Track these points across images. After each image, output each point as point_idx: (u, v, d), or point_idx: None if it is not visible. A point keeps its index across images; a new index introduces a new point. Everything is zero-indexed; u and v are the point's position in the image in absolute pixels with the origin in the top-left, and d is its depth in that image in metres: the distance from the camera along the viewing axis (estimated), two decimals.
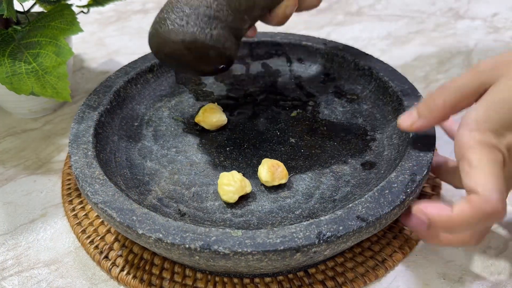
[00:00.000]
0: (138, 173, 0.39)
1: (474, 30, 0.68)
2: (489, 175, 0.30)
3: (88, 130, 0.38)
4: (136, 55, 0.49)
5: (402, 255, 0.37)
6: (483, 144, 0.30)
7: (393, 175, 0.34)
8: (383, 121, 0.43)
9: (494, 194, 0.29)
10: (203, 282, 0.35)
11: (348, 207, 0.31)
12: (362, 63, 0.47)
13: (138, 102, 0.46)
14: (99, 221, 0.40)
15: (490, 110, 0.30)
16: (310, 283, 0.35)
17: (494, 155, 0.30)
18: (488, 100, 0.31)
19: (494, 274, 0.36)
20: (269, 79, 0.50)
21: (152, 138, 0.43)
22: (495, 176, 0.30)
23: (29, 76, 0.42)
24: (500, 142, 0.30)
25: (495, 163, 0.30)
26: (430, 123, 0.34)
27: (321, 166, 0.40)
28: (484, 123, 0.30)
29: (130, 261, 0.37)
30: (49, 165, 0.46)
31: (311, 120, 0.45)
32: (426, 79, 0.58)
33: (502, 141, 0.30)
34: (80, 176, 0.34)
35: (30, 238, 0.39)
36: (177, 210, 0.36)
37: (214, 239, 0.29)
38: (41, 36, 0.44)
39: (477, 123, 0.30)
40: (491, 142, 0.30)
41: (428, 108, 0.34)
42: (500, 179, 0.30)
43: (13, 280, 0.36)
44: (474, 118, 0.31)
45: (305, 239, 0.29)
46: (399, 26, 0.70)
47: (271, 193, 0.37)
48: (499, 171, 0.30)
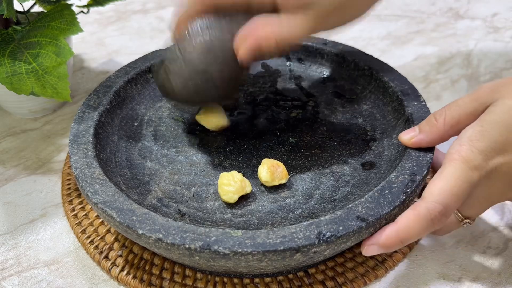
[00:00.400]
0: (138, 173, 0.39)
1: (474, 30, 0.68)
2: (447, 190, 0.31)
3: (88, 130, 0.38)
4: (136, 55, 0.49)
5: (402, 255, 0.37)
6: (464, 162, 0.31)
7: (393, 175, 0.34)
8: (383, 121, 0.43)
9: (437, 206, 0.30)
10: (203, 282, 0.35)
11: (348, 207, 0.31)
12: (362, 63, 0.47)
13: (138, 102, 0.46)
14: (99, 221, 0.40)
15: (484, 130, 0.31)
16: (310, 283, 0.35)
17: (468, 176, 0.31)
18: (484, 120, 0.31)
19: (494, 274, 0.36)
20: (269, 79, 0.50)
21: (152, 138, 0.43)
22: (452, 193, 0.31)
23: (29, 76, 0.42)
24: (485, 164, 0.31)
25: (462, 183, 0.31)
26: (429, 139, 0.35)
27: (321, 166, 0.40)
28: (477, 141, 0.31)
29: (130, 261, 0.37)
30: (49, 165, 0.46)
31: (311, 120, 0.45)
32: (426, 79, 0.58)
33: (488, 163, 0.31)
34: (80, 176, 0.34)
35: (30, 238, 0.39)
36: (177, 210, 0.36)
37: (214, 239, 0.29)
38: (41, 36, 0.44)
39: (469, 140, 0.31)
40: (473, 163, 0.31)
41: (429, 124, 0.35)
42: (455, 197, 0.31)
43: (13, 280, 0.36)
44: (468, 135, 0.31)
45: (305, 239, 0.29)
46: (399, 26, 0.70)
47: (271, 193, 0.37)
48: (462, 191, 0.31)
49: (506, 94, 0.31)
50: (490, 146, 0.31)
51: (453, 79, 0.58)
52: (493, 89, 0.32)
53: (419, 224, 0.31)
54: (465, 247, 0.38)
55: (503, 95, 0.31)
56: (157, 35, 0.68)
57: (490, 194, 0.32)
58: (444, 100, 0.55)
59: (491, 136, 0.31)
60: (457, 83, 0.57)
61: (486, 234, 0.39)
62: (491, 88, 0.32)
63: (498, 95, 0.32)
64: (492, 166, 0.31)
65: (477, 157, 0.31)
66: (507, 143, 0.30)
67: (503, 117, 0.31)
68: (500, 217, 0.40)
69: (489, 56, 0.62)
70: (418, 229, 0.31)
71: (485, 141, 0.31)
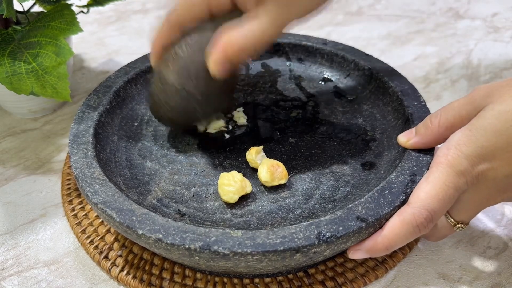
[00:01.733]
0: (138, 173, 0.39)
1: (474, 30, 0.68)
2: (433, 195, 0.31)
3: (88, 130, 0.38)
4: (136, 55, 0.49)
5: (402, 255, 0.37)
6: (450, 166, 0.31)
7: (393, 176, 0.34)
8: (383, 121, 0.43)
9: (423, 212, 0.31)
10: (203, 282, 0.35)
11: (348, 208, 0.31)
12: (362, 63, 0.47)
13: (138, 102, 0.46)
14: (99, 221, 0.40)
15: (472, 135, 0.31)
16: (310, 283, 0.35)
17: (454, 181, 0.31)
18: (473, 125, 0.31)
19: (494, 274, 0.36)
20: (269, 79, 0.50)
21: (152, 138, 0.43)
22: (439, 198, 0.31)
23: (29, 76, 0.42)
24: (471, 169, 0.31)
25: (448, 189, 0.31)
26: (424, 141, 0.35)
27: (321, 166, 0.40)
28: (464, 146, 0.31)
29: (130, 261, 0.37)
30: (49, 165, 0.46)
31: (311, 120, 0.45)
32: (426, 79, 0.58)
33: (474, 168, 0.31)
34: (80, 176, 0.34)
35: (30, 238, 0.39)
36: (177, 211, 0.36)
37: (214, 239, 0.29)
38: (41, 36, 0.44)
39: (457, 144, 0.31)
40: (459, 167, 0.31)
41: (424, 126, 0.35)
42: (441, 203, 0.31)
43: (13, 280, 0.36)
44: (456, 139, 0.31)
45: (305, 239, 0.29)
46: (399, 26, 0.70)
47: (271, 193, 0.37)
48: (448, 196, 0.31)
49: (498, 99, 0.31)
50: (476, 151, 0.30)
51: (453, 79, 0.58)
52: (487, 93, 0.32)
53: (404, 230, 0.31)
54: (465, 247, 0.38)
55: (495, 99, 0.31)
56: None
57: (479, 198, 0.32)
58: (444, 100, 0.55)
59: (478, 142, 0.30)
60: (457, 83, 0.57)
61: (486, 234, 0.39)
62: (486, 91, 0.32)
63: (490, 99, 0.31)
64: (479, 171, 0.31)
65: (463, 162, 0.31)
66: (494, 149, 0.30)
67: (492, 123, 0.30)
68: (500, 217, 0.40)
69: (489, 56, 0.62)
70: (403, 235, 0.31)
71: (471, 146, 0.31)
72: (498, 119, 0.30)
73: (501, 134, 0.30)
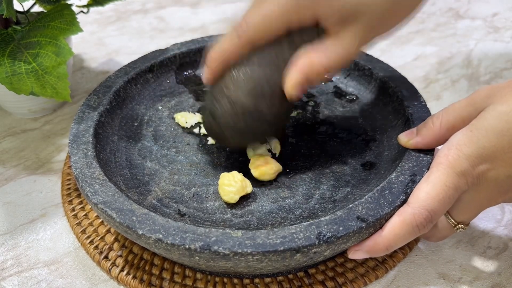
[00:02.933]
0: (138, 173, 0.39)
1: (474, 30, 0.68)
2: (433, 196, 0.31)
3: (88, 130, 0.38)
4: (136, 55, 0.49)
5: (402, 255, 0.37)
6: (451, 167, 0.31)
7: (393, 176, 0.34)
8: (383, 121, 0.43)
9: (423, 212, 0.31)
10: (203, 282, 0.35)
11: (348, 208, 0.31)
12: (362, 63, 0.47)
13: (138, 102, 0.46)
14: (99, 221, 0.40)
15: (473, 136, 0.31)
16: (310, 283, 0.35)
17: (454, 182, 0.31)
18: (474, 125, 0.31)
19: (494, 274, 0.36)
20: None
21: (152, 138, 0.43)
22: (438, 199, 0.31)
23: (29, 76, 0.42)
24: (471, 170, 0.31)
25: (448, 189, 0.31)
26: (426, 141, 0.35)
27: (321, 166, 0.40)
28: (464, 146, 0.31)
29: (130, 261, 0.37)
30: (49, 165, 0.46)
31: (311, 120, 0.45)
32: (426, 79, 0.58)
33: (475, 169, 0.31)
34: (80, 176, 0.34)
35: (30, 238, 0.39)
36: (177, 211, 0.36)
37: (214, 239, 0.29)
38: (41, 36, 0.44)
39: (458, 145, 0.31)
40: (460, 168, 0.31)
41: (426, 127, 0.35)
42: (441, 203, 0.31)
43: (13, 280, 0.36)
44: (457, 140, 0.31)
45: (305, 239, 0.29)
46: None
47: (271, 194, 0.37)
48: (448, 197, 0.31)
49: (499, 99, 0.31)
50: (477, 152, 0.30)
51: (453, 79, 0.58)
52: (488, 94, 0.32)
53: (404, 230, 0.31)
54: (465, 247, 0.38)
55: (496, 100, 0.31)
56: (157, 35, 0.68)
57: (479, 199, 0.32)
58: (444, 100, 0.55)
59: (479, 142, 0.30)
60: (457, 83, 0.57)
61: (486, 234, 0.39)
62: (487, 93, 0.32)
63: (491, 100, 0.31)
64: (479, 172, 0.31)
65: (464, 163, 0.31)
66: (495, 149, 0.30)
67: (493, 123, 0.30)
68: (500, 217, 0.40)
69: (489, 56, 0.62)
70: (403, 235, 0.31)
71: (472, 147, 0.31)
72: (499, 120, 0.30)
73: (502, 135, 0.30)
